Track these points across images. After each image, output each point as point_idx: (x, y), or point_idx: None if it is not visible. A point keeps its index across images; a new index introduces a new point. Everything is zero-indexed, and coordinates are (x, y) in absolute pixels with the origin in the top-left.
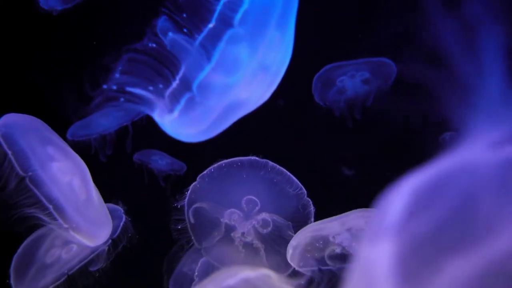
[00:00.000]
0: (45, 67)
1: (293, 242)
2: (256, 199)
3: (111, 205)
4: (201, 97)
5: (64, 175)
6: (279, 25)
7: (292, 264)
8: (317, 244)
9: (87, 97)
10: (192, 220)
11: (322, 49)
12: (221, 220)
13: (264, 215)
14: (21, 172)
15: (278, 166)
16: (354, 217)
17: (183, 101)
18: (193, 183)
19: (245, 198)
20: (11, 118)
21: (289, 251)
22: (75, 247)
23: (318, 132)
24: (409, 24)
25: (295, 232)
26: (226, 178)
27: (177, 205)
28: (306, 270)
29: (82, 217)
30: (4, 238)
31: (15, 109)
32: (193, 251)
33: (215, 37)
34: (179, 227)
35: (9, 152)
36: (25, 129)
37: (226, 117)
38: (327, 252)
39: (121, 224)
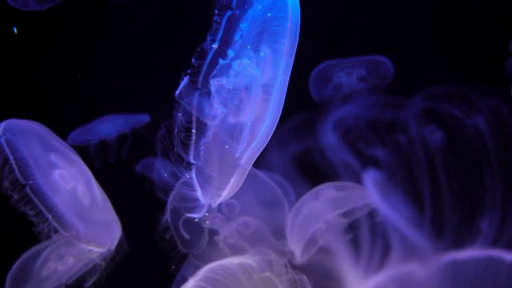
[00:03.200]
0: (46, 69)
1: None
2: (235, 202)
3: None
4: (248, 165)
5: (67, 182)
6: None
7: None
8: None
9: (87, 102)
10: (186, 236)
11: (319, 46)
12: (203, 225)
13: (245, 218)
14: (22, 180)
15: (254, 169)
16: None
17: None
18: (173, 192)
19: (224, 202)
20: (15, 123)
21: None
22: (71, 259)
23: (313, 128)
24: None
25: (273, 235)
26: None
27: (162, 218)
28: None
29: (85, 224)
30: None
31: (15, 112)
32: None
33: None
34: (168, 237)
35: (11, 157)
36: (28, 136)
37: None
38: None
39: (117, 236)
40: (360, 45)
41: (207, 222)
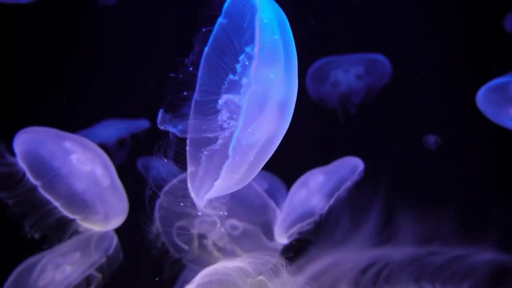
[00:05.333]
0: (45, 74)
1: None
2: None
3: None
4: (237, 157)
5: (84, 165)
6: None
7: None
8: None
9: (86, 106)
10: (178, 242)
11: (317, 43)
12: (192, 231)
13: (232, 221)
14: (33, 181)
15: None
16: None
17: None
18: (158, 200)
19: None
20: (23, 134)
21: None
22: (68, 268)
23: (310, 126)
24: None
25: (264, 235)
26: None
27: (150, 228)
28: None
29: (103, 205)
30: None
31: (15, 117)
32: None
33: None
34: (159, 244)
35: (23, 166)
36: (38, 141)
37: (260, 160)
38: None
39: (113, 244)
40: (357, 43)
41: (195, 227)
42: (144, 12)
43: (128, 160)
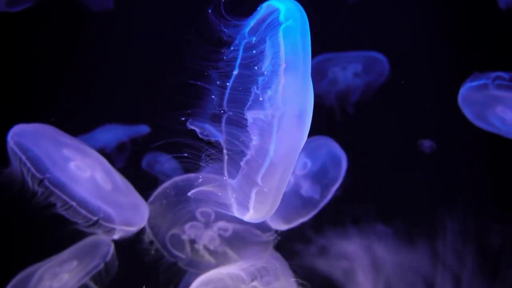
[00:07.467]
0: (45, 78)
1: None
2: (209, 209)
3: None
4: (267, 186)
5: (84, 172)
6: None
7: None
8: None
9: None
10: (171, 248)
11: (315, 40)
12: (183, 236)
13: (221, 223)
14: (38, 175)
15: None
16: None
17: (253, 196)
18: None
19: (199, 211)
20: (22, 127)
21: None
22: (66, 276)
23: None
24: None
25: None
26: (175, 198)
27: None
28: None
29: (111, 206)
30: None
31: (13, 121)
32: None
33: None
34: (153, 252)
35: (23, 157)
36: (37, 136)
37: (286, 178)
38: None
39: (110, 250)
40: (355, 41)
41: (185, 232)
42: (144, 16)
43: (128, 165)
